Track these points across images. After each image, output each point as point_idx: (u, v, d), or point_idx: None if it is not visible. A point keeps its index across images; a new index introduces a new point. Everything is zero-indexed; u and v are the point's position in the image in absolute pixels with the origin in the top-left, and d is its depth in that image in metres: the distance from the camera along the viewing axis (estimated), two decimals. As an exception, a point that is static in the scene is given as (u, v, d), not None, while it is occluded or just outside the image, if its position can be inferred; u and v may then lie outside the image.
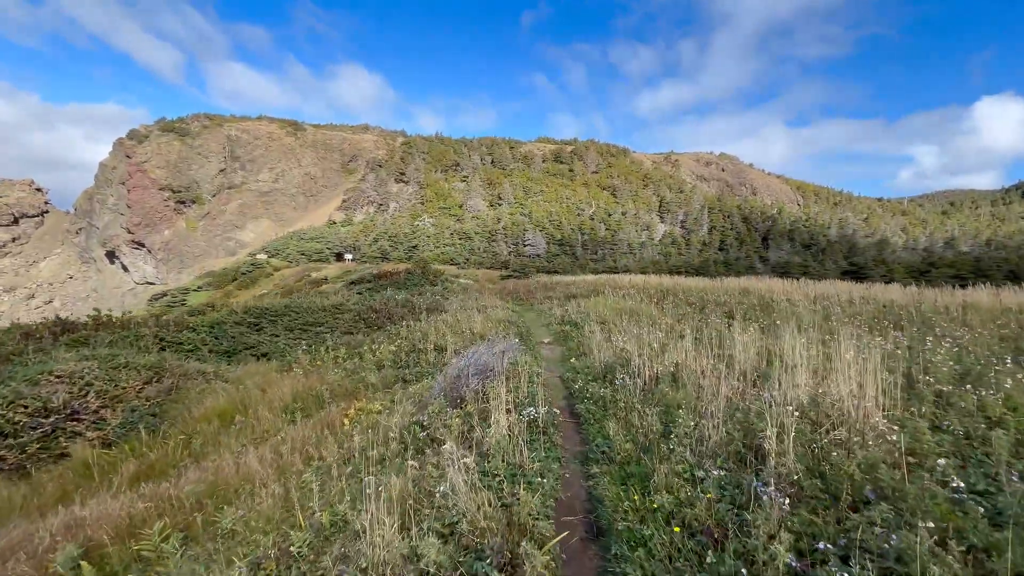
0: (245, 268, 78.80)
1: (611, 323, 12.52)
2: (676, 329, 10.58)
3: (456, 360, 6.79)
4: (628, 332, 10.09)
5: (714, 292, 21.35)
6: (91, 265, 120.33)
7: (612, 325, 12.19)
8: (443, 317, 13.68)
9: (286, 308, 14.29)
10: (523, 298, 23.98)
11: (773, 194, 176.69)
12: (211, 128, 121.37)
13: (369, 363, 9.27)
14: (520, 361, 6.84)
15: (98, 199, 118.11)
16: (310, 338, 12.77)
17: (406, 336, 11.53)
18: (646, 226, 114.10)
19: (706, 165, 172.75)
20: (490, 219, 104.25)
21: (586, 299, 19.14)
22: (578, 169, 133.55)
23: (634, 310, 13.57)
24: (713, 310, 13.85)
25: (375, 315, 15.01)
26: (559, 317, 15.69)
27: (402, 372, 8.66)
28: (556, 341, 12.91)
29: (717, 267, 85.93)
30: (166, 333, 12.15)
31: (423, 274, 27.24)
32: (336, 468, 4.62)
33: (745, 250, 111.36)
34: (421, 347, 10.11)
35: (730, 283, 27.35)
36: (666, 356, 7.01)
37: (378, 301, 16.28)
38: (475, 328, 12.04)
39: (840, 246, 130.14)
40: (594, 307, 15.25)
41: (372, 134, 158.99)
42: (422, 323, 12.80)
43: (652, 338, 8.04)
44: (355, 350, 10.85)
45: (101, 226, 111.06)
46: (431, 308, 15.86)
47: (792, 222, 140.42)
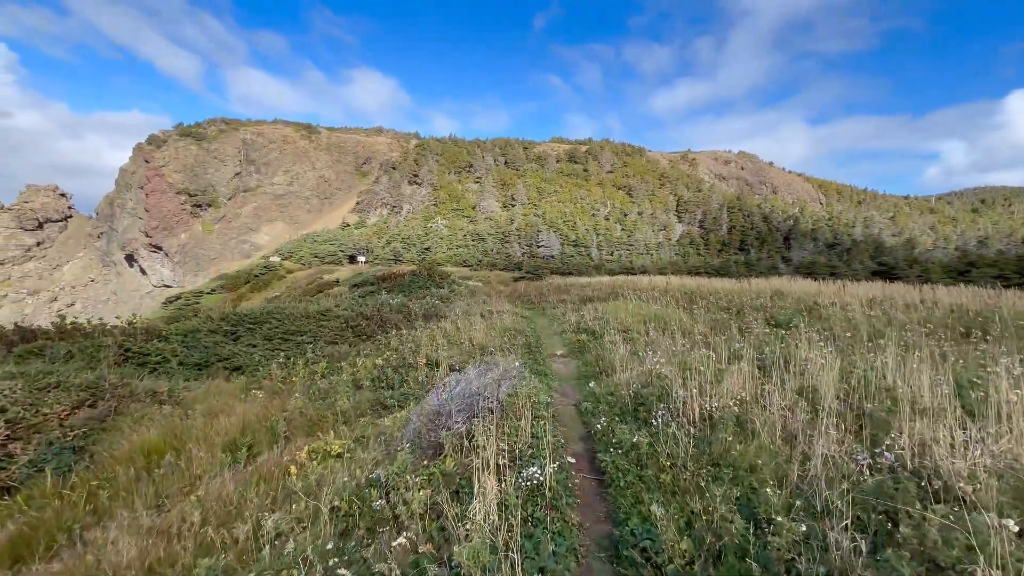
0: (258, 270, 78.69)
1: (635, 332, 10.81)
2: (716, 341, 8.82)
3: (438, 391, 5.20)
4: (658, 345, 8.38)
5: (745, 294, 19.43)
6: (111, 268, 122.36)
7: (636, 335, 10.48)
8: (442, 325, 12.12)
9: (266, 315, 12.88)
10: (534, 301, 22.25)
11: (794, 193, 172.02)
12: (227, 132, 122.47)
13: (346, 382, 7.76)
14: (522, 390, 5.25)
15: (118, 203, 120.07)
16: (290, 349, 11.33)
17: (396, 348, 10.00)
18: (663, 226, 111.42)
19: (724, 164, 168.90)
20: (503, 220, 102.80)
21: (604, 303, 17.40)
22: (593, 169, 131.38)
23: (660, 316, 11.83)
24: (752, 316, 12.01)
25: (365, 323, 13.50)
26: (574, 324, 14.04)
27: (382, 395, 7.12)
28: (571, 353, 11.31)
29: (738, 268, 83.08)
30: (132, 343, 10.85)
31: (429, 276, 25.75)
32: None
33: (766, 250, 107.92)
34: (411, 361, 8.59)
35: (758, 284, 25.27)
36: (720, 383, 5.31)
37: (370, 307, 14.86)
38: (476, 338, 10.50)
39: (866, 245, 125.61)
40: (614, 312, 13.53)
41: (386, 136, 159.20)
42: (417, 332, 11.28)
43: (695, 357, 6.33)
44: (337, 364, 9.37)
45: (120, 230, 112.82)
46: (430, 314, 14.30)
47: (815, 221, 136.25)
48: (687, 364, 5.77)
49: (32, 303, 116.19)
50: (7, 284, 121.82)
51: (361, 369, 8.73)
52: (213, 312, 13.15)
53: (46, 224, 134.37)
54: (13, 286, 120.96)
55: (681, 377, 5.28)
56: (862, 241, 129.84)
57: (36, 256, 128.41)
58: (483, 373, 5.49)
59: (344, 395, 6.98)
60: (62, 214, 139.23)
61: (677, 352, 7.62)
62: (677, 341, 8.85)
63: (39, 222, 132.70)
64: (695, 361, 5.80)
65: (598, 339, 11.03)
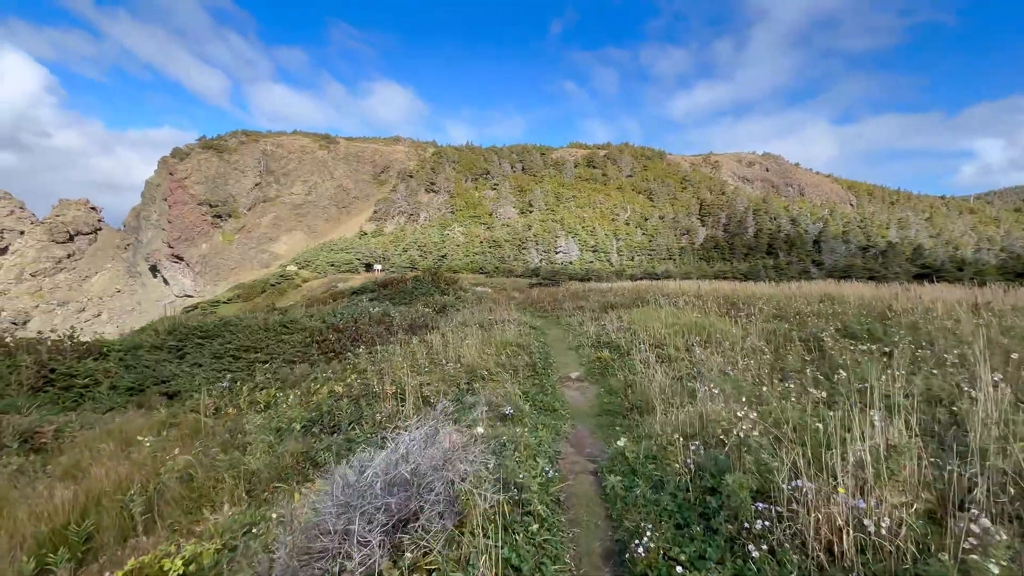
0: (273, 279, 78.40)
1: (672, 346, 8.45)
2: (790, 363, 6.44)
3: (336, 477, 2.96)
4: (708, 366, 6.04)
5: (791, 299, 16.78)
6: (137, 279, 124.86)
7: (674, 350, 8.12)
8: (429, 338, 9.97)
9: (219, 328, 10.89)
10: (548, 309, 19.84)
11: (823, 194, 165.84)
12: (247, 144, 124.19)
13: (276, 423, 5.69)
14: (509, 462, 3.08)
15: (144, 216, 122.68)
16: (241, 369, 9.38)
17: (365, 369, 7.89)
18: (686, 230, 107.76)
19: (748, 166, 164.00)
20: (520, 226, 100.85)
21: (628, 310, 15.02)
22: (612, 173, 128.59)
23: (701, 325, 9.45)
24: (816, 324, 9.49)
25: (336, 336, 11.41)
26: (593, 336, 11.77)
27: (317, 443, 4.99)
28: (589, 375, 9.06)
29: (767, 272, 79.15)
30: (59, 362, 9.04)
31: (433, 282, 23.68)
32: None
33: (795, 254, 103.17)
34: (377, 390, 6.48)
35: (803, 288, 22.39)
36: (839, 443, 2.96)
37: (344, 317, 12.87)
38: (466, 356, 8.34)
39: (902, 248, 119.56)
40: (642, 320, 11.20)
41: (403, 145, 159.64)
42: (397, 348, 9.17)
43: (776, 393, 3.97)
44: (290, 390, 7.35)
45: (145, 241, 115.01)
46: (417, 325, 12.13)
47: (846, 223, 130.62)
48: (779, 414, 3.50)
49: (61, 313, 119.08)
50: (39, 295, 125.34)
51: (315, 398, 6.66)
52: (160, 324, 11.33)
53: (76, 237, 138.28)
54: (44, 297, 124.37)
55: (773, 436, 3.03)
56: (898, 243, 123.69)
57: (66, 268, 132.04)
58: (430, 437, 3.27)
59: (262, 445, 4.89)
60: (92, 227, 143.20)
61: (744, 384, 5.29)
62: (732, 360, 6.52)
63: (70, 235, 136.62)
64: (779, 400, 3.54)
65: (624, 356, 8.73)
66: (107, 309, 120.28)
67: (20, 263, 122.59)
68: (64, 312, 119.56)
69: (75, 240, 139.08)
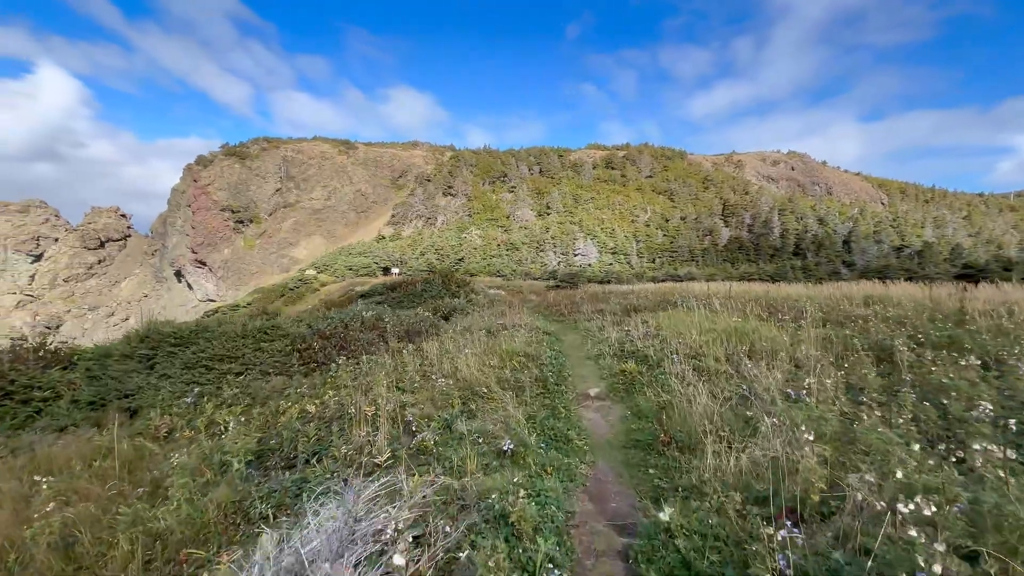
0: (292, 284, 78.79)
1: (711, 357, 7.06)
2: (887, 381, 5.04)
3: None
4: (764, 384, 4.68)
5: (831, 302, 15.09)
6: (163, 284, 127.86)
7: (715, 361, 6.73)
8: (428, 346, 8.77)
9: (194, 334, 9.84)
10: (564, 312, 18.24)
11: (851, 193, 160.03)
12: (268, 150, 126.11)
13: (221, 456, 4.55)
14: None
15: (170, 222, 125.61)
16: (211, 381, 8.29)
17: (344, 384, 6.72)
18: (708, 231, 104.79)
19: (773, 164, 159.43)
20: (538, 228, 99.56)
21: (653, 313, 13.58)
22: (631, 174, 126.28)
23: (743, 331, 8.02)
24: (885, 332, 7.96)
25: (321, 344, 10.02)
26: (615, 344, 10.32)
27: (259, 488, 3.82)
28: (611, 392, 7.66)
29: (795, 273, 76.07)
30: (21, 372, 8.14)
31: (444, 284, 22.53)
32: None
33: (825, 254, 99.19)
34: (353, 411, 5.29)
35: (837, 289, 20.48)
36: None
37: (332, 323, 11.56)
38: (464, 370, 7.11)
39: (939, 248, 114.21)
40: (672, 325, 9.78)
41: (421, 150, 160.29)
42: (388, 359, 7.99)
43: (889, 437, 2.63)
44: (257, 408, 6.24)
45: (170, 247, 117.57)
46: (415, 331, 10.99)
47: (877, 222, 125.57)
48: (912, 474, 2.21)
49: (92, 318, 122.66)
50: (71, 300, 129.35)
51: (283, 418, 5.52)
52: (132, 331, 10.43)
53: (107, 243, 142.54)
54: (76, 302, 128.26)
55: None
56: (934, 243, 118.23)
57: (97, 273, 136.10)
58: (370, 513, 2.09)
59: (181, 492, 3.72)
60: (122, 233, 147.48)
61: (824, 414, 3.90)
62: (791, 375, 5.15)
63: (101, 241, 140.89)
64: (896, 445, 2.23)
65: (654, 369, 7.39)
66: (135, 313, 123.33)
67: (54, 269, 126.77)
68: (94, 316, 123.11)
69: (106, 247, 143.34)
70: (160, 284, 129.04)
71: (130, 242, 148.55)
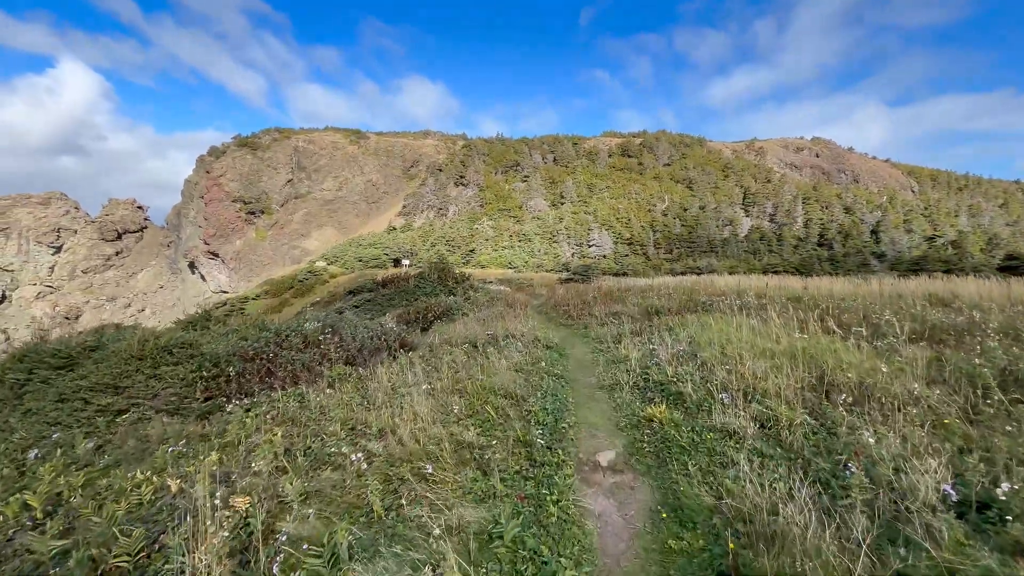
0: (302, 276, 77.93)
1: (782, 402, 4.96)
2: None
3: None
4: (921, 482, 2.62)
5: (880, 299, 12.76)
6: (178, 275, 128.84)
7: (788, 409, 4.65)
8: (382, 373, 6.66)
9: (82, 353, 7.54)
10: (573, 315, 15.37)
11: (879, 181, 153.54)
12: (280, 141, 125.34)
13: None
14: None
15: (183, 213, 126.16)
16: (86, 421, 6.16)
17: (242, 440, 4.64)
18: (729, 221, 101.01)
19: (797, 151, 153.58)
20: (551, 219, 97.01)
21: (680, 317, 11.42)
22: (648, 162, 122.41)
23: (811, 354, 5.89)
24: (1012, 355, 5.77)
25: (242, 367, 7.55)
26: (637, 368, 7.88)
27: None
28: (633, 456, 5.39)
29: (822, 265, 72.53)
30: None
31: (440, 278, 20.47)
32: None
33: (852, 244, 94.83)
34: (209, 508, 3.30)
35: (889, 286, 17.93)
36: None
37: (259, 340, 8.72)
38: (408, 425, 5.01)
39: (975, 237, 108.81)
40: (708, 339, 7.67)
41: (433, 139, 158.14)
42: (313, 397, 5.91)
43: None
44: (101, 479, 4.24)
45: (184, 238, 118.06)
46: (372, 349, 8.53)
47: (907, 211, 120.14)
48: None
49: (109, 309, 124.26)
50: (89, 291, 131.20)
51: (120, 505, 3.61)
52: (15, 348, 8.49)
53: (124, 235, 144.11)
54: (94, 293, 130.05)
55: None
56: (970, 232, 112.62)
57: (115, 265, 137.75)
58: None
59: None
60: (139, 225, 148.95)
61: None
62: (931, 447, 3.10)
63: (118, 233, 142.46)
64: None
65: (695, 416, 5.27)
66: (150, 304, 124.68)
67: (73, 260, 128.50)
68: (112, 307, 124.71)
69: (123, 238, 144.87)
70: (175, 275, 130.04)
71: (146, 234, 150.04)
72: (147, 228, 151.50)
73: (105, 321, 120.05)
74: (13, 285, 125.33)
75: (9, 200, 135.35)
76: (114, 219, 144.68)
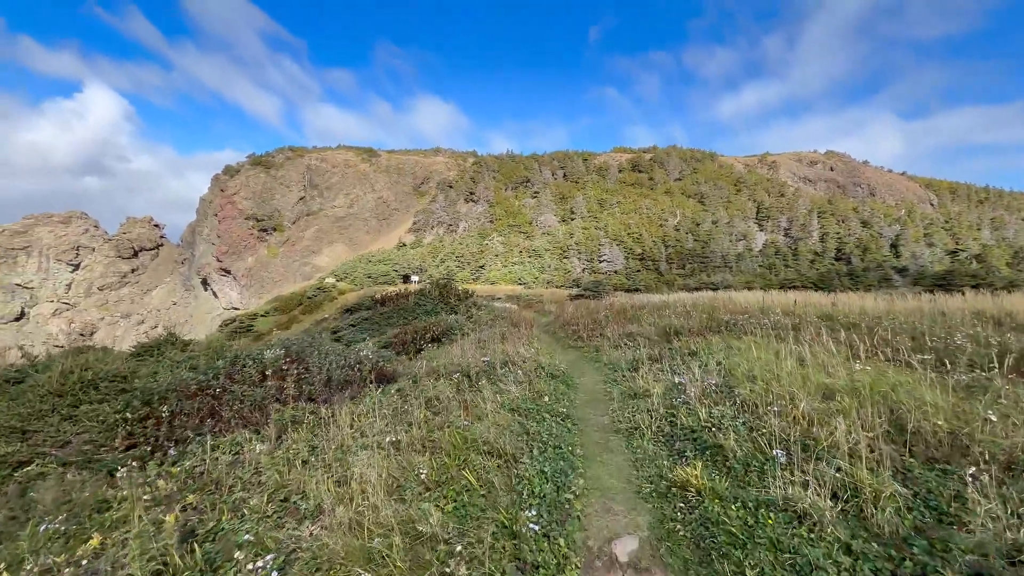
0: (311, 292, 77.68)
1: (862, 460, 3.79)
2: None
3: None
4: None
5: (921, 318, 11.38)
6: (191, 292, 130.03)
7: (869, 472, 3.47)
8: (343, 415, 5.48)
9: (4, 384, 6.69)
10: (583, 335, 14.19)
11: (896, 194, 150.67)
12: (293, 159, 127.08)
13: None
14: None
15: (198, 231, 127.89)
16: None
17: (129, 511, 3.46)
18: (742, 235, 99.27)
19: (810, 165, 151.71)
20: (562, 234, 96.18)
21: (704, 339, 10.22)
22: (659, 177, 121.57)
23: (882, 392, 4.72)
24: None
25: (185, 406, 6.27)
26: (660, 408, 6.51)
27: None
28: (662, 545, 3.86)
29: (841, 280, 70.33)
30: None
31: (441, 296, 19.39)
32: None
33: (871, 259, 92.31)
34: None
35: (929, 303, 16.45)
36: None
37: (215, 369, 7.40)
38: (350, 505, 3.66)
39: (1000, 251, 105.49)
40: (745, 369, 6.48)
41: (443, 156, 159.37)
42: (259, 445, 4.65)
43: None
44: None
45: (198, 255, 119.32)
46: (341, 383, 7.10)
47: (927, 225, 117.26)
48: None
49: (124, 325, 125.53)
50: (105, 308, 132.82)
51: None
52: None
53: (140, 252, 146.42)
54: (109, 310, 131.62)
55: None
56: (994, 246, 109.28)
57: (130, 282, 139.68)
58: None
59: None
60: (155, 243, 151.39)
61: None
62: None
63: (135, 250, 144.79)
64: None
65: (743, 482, 4.00)
66: (163, 321, 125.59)
67: (89, 277, 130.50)
68: (126, 324, 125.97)
69: (139, 255, 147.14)
70: (188, 292, 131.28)
71: (162, 251, 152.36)
72: (163, 245, 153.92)
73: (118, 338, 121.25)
74: (32, 302, 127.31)
75: (32, 219, 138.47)
76: (131, 237, 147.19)
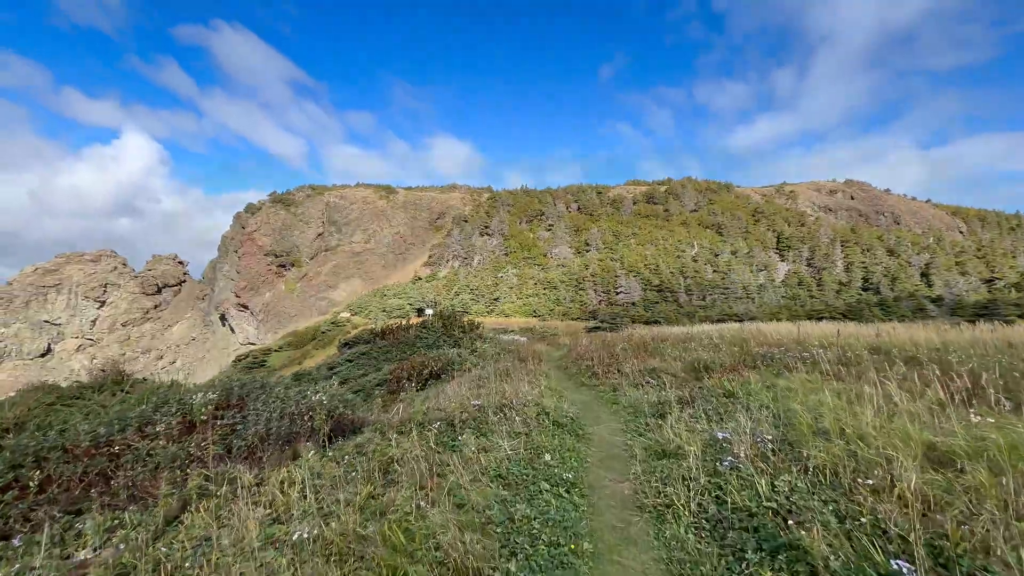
0: (325, 327, 77.32)
1: None
2: None
3: None
4: None
5: (987, 352, 9.63)
6: (209, 327, 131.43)
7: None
8: (262, 495, 3.80)
9: None
10: (599, 372, 12.26)
11: (922, 222, 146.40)
12: (313, 197, 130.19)
13: None
14: None
15: (218, 267, 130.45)
16: None
17: None
18: (763, 266, 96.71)
19: (830, 194, 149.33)
20: (577, 266, 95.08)
21: (737, 377, 8.72)
22: (674, 208, 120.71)
23: (1017, 451, 3.39)
24: None
25: (66, 471, 4.62)
26: (700, 475, 4.60)
27: None
28: None
29: (872, 310, 67.05)
30: None
31: (445, 328, 18.25)
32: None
33: (902, 288, 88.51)
34: None
35: (989, 333, 14.50)
36: None
37: (123, 421, 5.64)
38: None
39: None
40: (799, 416, 5.04)
41: (459, 192, 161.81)
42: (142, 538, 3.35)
43: None
44: None
45: (217, 291, 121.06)
46: (289, 436, 5.34)
47: (958, 253, 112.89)
48: None
49: (143, 361, 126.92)
50: (127, 344, 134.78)
51: None
52: None
53: (164, 289, 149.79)
54: (131, 345, 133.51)
55: None
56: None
57: (152, 318, 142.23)
58: None
59: None
60: (178, 279, 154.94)
61: None
62: None
63: (158, 287, 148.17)
64: None
65: None
66: (181, 356, 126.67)
67: (113, 314, 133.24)
68: (146, 359, 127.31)
69: (162, 292, 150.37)
70: (207, 328, 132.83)
71: (184, 287, 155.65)
72: (185, 282, 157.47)
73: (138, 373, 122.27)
74: (59, 338, 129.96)
75: (63, 258, 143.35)
76: (155, 274, 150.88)
